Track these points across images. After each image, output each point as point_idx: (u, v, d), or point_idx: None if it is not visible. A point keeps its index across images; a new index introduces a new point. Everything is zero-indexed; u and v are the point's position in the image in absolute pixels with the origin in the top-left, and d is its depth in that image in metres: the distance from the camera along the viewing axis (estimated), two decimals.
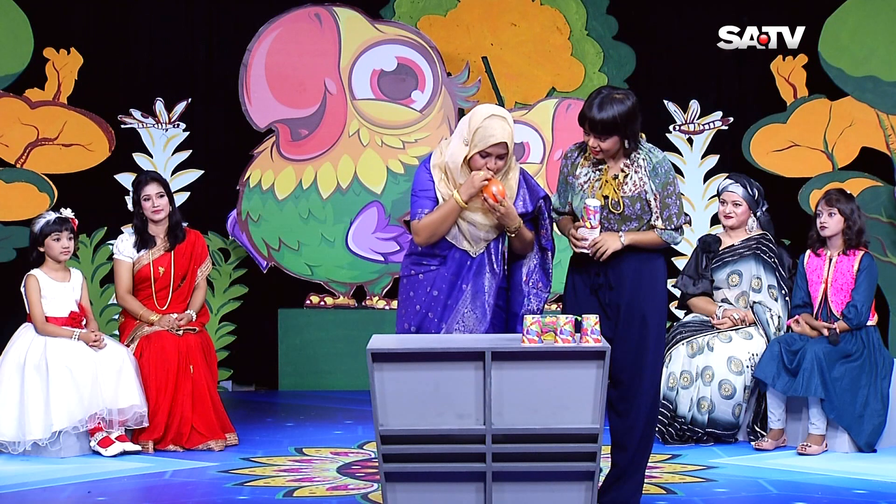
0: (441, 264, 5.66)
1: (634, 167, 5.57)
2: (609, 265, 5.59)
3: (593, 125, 5.48)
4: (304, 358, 9.39)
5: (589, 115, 5.49)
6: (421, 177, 5.65)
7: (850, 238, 7.30)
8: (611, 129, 5.46)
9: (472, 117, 5.55)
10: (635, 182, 5.56)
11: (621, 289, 5.59)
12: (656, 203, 5.56)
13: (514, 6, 9.47)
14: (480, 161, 5.52)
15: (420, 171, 5.68)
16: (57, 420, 7.04)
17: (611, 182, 5.58)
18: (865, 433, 7.17)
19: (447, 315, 5.64)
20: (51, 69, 9.19)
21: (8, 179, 9.10)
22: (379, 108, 9.32)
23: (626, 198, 5.57)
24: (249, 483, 6.46)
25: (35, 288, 7.24)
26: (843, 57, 9.15)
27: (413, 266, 5.72)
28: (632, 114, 5.47)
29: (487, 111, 5.53)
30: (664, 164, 5.58)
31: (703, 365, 7.43)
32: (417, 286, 5.70)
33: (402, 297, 5.76)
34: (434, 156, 5.67)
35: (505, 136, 5.48)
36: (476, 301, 5.65)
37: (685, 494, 6.18)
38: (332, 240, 9.33)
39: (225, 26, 9.49)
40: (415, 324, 5.67)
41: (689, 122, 9.42)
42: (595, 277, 5.62)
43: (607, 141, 5.50)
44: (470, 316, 5.65)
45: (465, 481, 5.14)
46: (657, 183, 5.56)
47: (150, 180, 7.52)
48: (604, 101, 5.47)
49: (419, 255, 5.71)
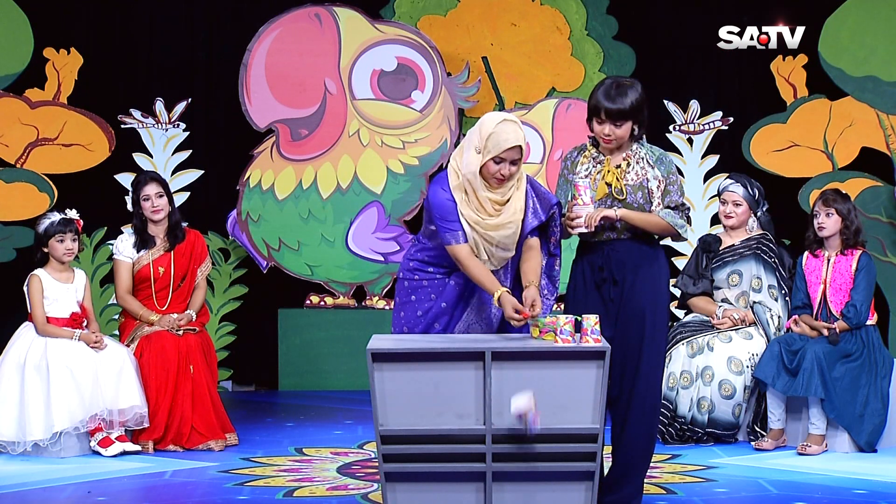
0: (447, 274, 5.64)
1: (636, 158, 5.62)
2: (612, 260, 5.60)
3: (609, 113, 5.52)
4: (304, 358, 9.39)
5: (604, 103, 5.52)
6: (442, 203, 5.50)
7: (847, 238, 7.30)
8: (626, 115, 5.52)
9: (482, 125, 5.48)
10: (637, 172, 5.61)
11: (624, 284, 5.60)
12: (659, 189, 5.59)
13: (514, 6, 9.47)
14: (494, 167, 5.43)
15: (438, 194, 5.52)
16: (57, 420, 7.04)
17: (613, 171, 5.62)
18: (865, 433, 7.17)
19: (453, 325, 5.62)
20: (51, 69, 9.19)
21: (8, 179, 9.10)
22: (379, 108, 9.32)
23: (628, 185, 5.59)
24: (249, 483, 6.46)
25: (38, 288, 7.24)
26: (843, 57, 9.15)
27: (417, 271, 5.69)
28: (644, 99, 5.58)
29: (498, 117, 5.48)
30: (666, 155, 5.68)
31: (703, 365, 7.43)
32: (420, 291, 5.66)
33: (402, 300, 5.71)
34: (451, 178, 5.53)
35: (518, 139, 5.43)
36: (482, 313, 5.64)
37: (685, 494, 6.18)
38: (332, 240, 9.33)
39: (225, 26, 9.49)
40: (418, 331, 5.64)
41: (689, 122, 9.42)
42: (598, 273, 5.63)
43: (622, 127, 5.54)
44: (476, 328, 5.64)
45: (465, 481, 5.14)
46: (662, 170, 5.61)
47: (149, 180, 7.52)
48: (617, 89, 5.53)
49: (424, 262, 5.68)
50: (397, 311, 5.74)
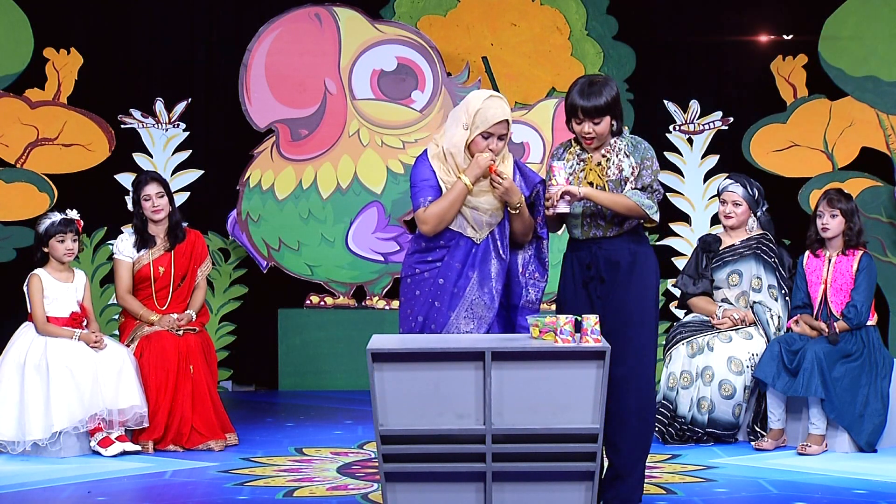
0: (446, 255, 5.68)
1: (615, 151, 5.70)
2: (600, 258, 5.66)
3: (586, 111, 5.61)
4: (304, 358, 9.39)
5: (579, 102, 5.63)
6: (420, 168, 5.70)
7: (850, 238, 7.29)
8: (603, 111, 5.61)
9: (469, 102, 5.64)
10: (617, 164, 5.68)
11: (612, 282, 5.65)
12: (633, 175, 5.65)
13: (514, 6, 9.47)
14: (482, 143, 5.61)
15: (418, 163, 5.73)
16: (57, 420, 7.04)
17: (594, 169, 5.69)
18: (865, 433, 7.17)
19: (455, 303, 5.65)
20: (51, 69, 9.19)
21: (8, 179, 9.10)
22: (379, 108, 9.32)
23: (609, 181, 5.67)
24: (249, 483, 6.46)
25: (38, 288, 7.24)
26: (843, 57, 9.15)
27: (418, 265, 5.72)
28: (617, 93, 5.69)
29: (484, 93, 5.66)
30: (643, 143, 5.74)
31: (703, 365, 7.43)
32: (423, 283, 5.70)
33: (407, 297, 5.74)
34: (430, 149, 5.73)
35: (506, 114, 5.61)
36: (483, 287, 5.68)
37: (685, 494, 6.18)
38: (332, 240, 9.33)
39: (225, 26, 9.50)
40: (422, 313, 5.67)
41: (689, 122, 9.42)
42: (586, 271, 5.68)
43: (601, 124, 5.64)
44: (478, 303, 5.67)
45: (465, 481, 5.14)
46: (636, 157, 5.68)
47: (150, 180, 7.52)
48: (590, 87, 5.63)
49: (423, 251, 5.72)
50: (404, 309, 5.75)
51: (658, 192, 5.71)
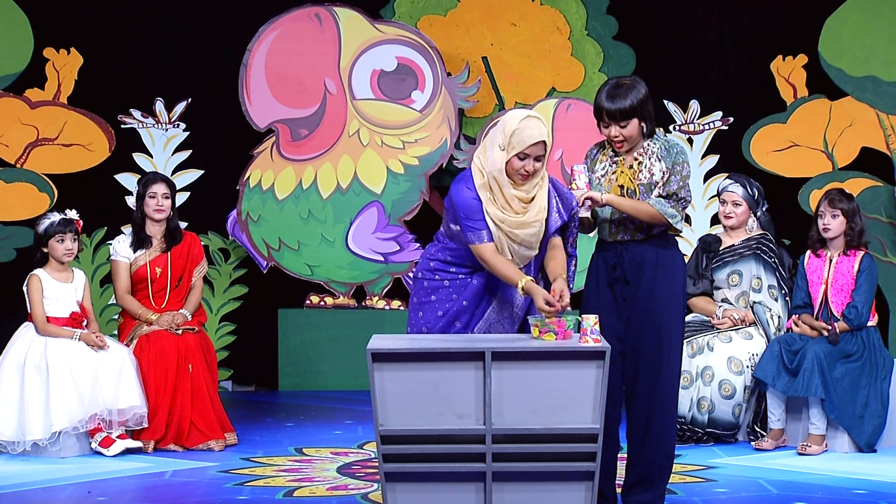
0: (470, 274, 5.62)
1: (647, 154, 5.61)
2: (625, 260, 5.60)
3: (611, 114, 5.52)
4: (304, 358, 9.39)
5: (605, 105, 5.52)
6: (467, 201, 5.49)
7: (851, 239, 7.29)
8: (628, 114, 5.51)
9: (505, 122, 5.48)
10: (649, 168, 5.59)
11: (637, 284, 5.59)
12: (663, 180, 5.58)
13: (514, 6, 9.47)
14: (518, 163, 5.44)
15: (462, 192, 5.51)
16: (57, 420, 7.04)
17: (626, 172, 5.61)
18: (866, 433, 7.17)
19: (473, 323, 5.61)
20: (51, 69, 9.19)
21: (8, 179, 9.10)
22: (379, 108, 9.32)
23: (641, 185, 5.59)
24: (249, 483, 6.46)
25: (38, 288, 7.24)
26: (843, 57, 9.15)
27: (438, 271, 5.66)
28: (646, 94, 5.56)
29: (522, 113, 5.49)
30: (677, 146, 5.63)
31: (703, 365, 7.43)
32: (441, 290, 5.63)
33: (421, 300, 5.68)
34: (476, 177, 5.52)
35: (543, 135, 5.44)
36: (504, 312, 5.62)
37: (685, 494, 6.17)
38: (332, 240, 9.33)
39: (225, 26, 9.50)
40: (436, 330, 5.62)
41: (689, 122, 9.42)
42: (611, 272, 5.63)
43: (628, 127, 5.53)
44: (497, 328, 5.62)
45: (465, 481, 5.14)
46: (668, 162, 5.58)
47: (159, 180, 7.61)
48: (616, 89, 5.53)
49: (446, 262, 5.65)
50: (415, 310, 5.71)
51: (684, 199, 5.59)
